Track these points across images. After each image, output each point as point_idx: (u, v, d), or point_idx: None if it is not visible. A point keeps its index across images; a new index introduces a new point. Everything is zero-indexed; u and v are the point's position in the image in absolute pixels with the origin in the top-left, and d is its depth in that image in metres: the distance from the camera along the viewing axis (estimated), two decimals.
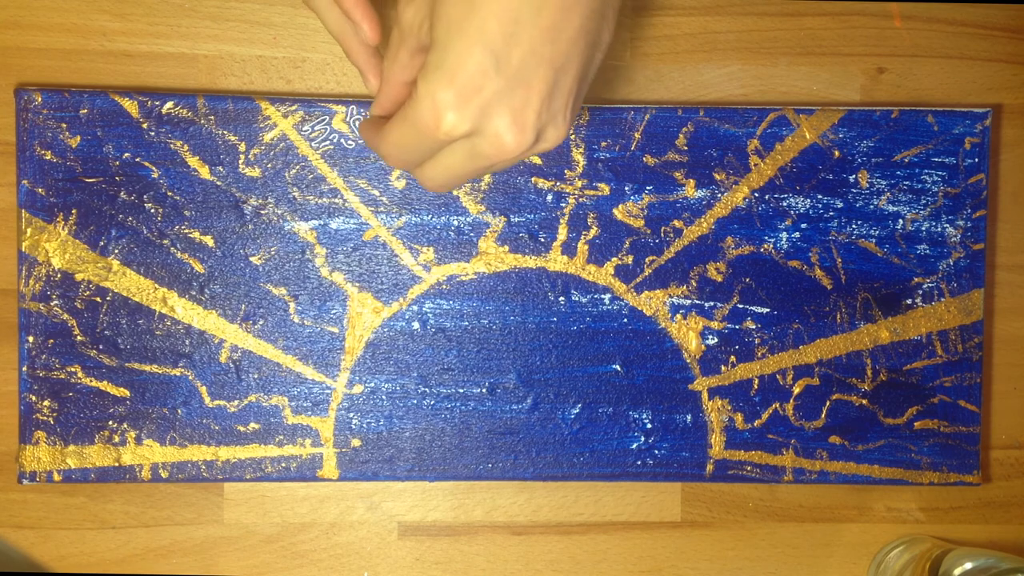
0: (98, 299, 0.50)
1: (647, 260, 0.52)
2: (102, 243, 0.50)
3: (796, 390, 0.52)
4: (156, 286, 0.50)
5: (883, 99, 0.54)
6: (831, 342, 0.52)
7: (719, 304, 0.52)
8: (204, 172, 0.50)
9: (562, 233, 0.51)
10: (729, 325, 0.52)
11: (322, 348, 0.51)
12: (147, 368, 0.50)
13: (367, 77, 0.44)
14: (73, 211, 0.50)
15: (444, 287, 0.51)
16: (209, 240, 0.50)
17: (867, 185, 0.52)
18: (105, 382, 0.50)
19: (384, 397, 0.51)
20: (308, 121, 0.50)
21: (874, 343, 0.52)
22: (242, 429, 0.50)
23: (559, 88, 0.37)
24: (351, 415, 0.51)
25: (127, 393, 0.50)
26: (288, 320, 0.51)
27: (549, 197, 0.51)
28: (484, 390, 0.51)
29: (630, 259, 0.52)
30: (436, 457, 0.51)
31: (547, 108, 0.37)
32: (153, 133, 0.50)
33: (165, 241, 0.50)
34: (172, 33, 0.51)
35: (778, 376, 0.52)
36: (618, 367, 0.52)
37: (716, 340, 0.52)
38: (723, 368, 0.52)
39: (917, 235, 0.52)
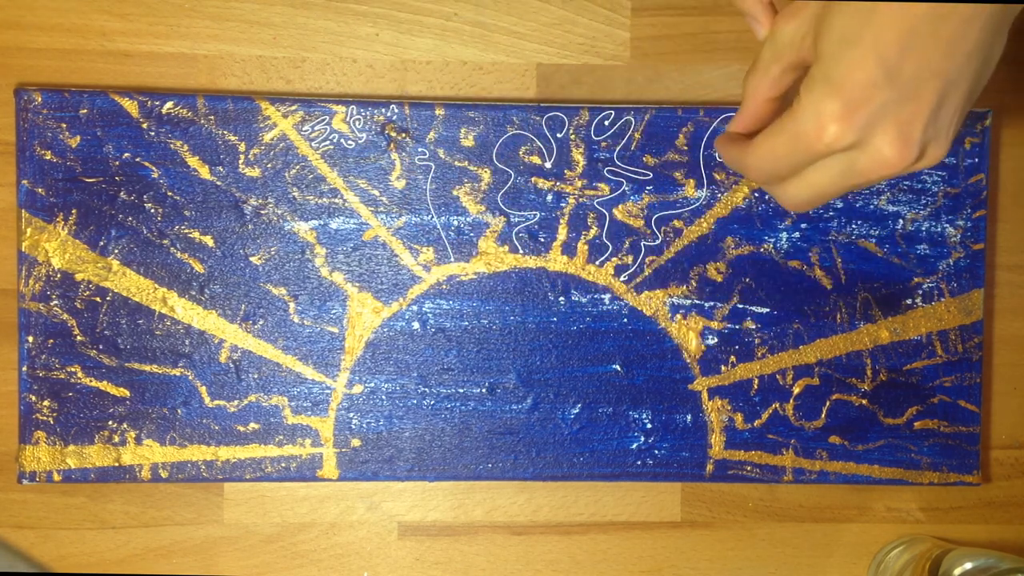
0: (98, 299, 0.50)
1: (647, 260, 0.52)
2: (102, 243, 0.50)
3: (796, 390, 0.52)
4: (156, 286, 0.50)
5: None
6: (831, 342, 0.52)
7: (719, 304, 0.52)
8: (204, 172, 0.50)
9: (562, 233, 0.51)
10: (729, 325, 0.52)
11: (322, 348, 0.51)
12: (147, 368, 0.50)
13: (760, 22, 0.41)
14: (73, 211, 0.50)
15: (444, 287, 0.51)
16: (209, 240, 0.50)
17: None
18: (105, 382, 0.50)
19: (384, 397, 0.51)
20: (308, 121, 0.50)
21: (874, 343, 0.52)
22: (242, 429, 0.50)
23: (947, 103, 0.36)
24: (351, 415, 0.51)
25: (127, 393, 0.50)
26: (288, 320, 0.51)
27: (549, 197, 0.51)
28: (484, 390, 0.51)
29: (630, 259, 0.52)
30: (436, 457, 0.51)
31: (933, 124, 0.36)
32: (153, 133, 0.50)
33: (165, 241, 0.50)
34: (172, 33, 0.51)
35: (778, 376, 0.52)
36: (618, 367, 0.52)
37: (716, 340, 0.52)
38: (723, 368, 0.52)
39: (917, 235, 0.52)
